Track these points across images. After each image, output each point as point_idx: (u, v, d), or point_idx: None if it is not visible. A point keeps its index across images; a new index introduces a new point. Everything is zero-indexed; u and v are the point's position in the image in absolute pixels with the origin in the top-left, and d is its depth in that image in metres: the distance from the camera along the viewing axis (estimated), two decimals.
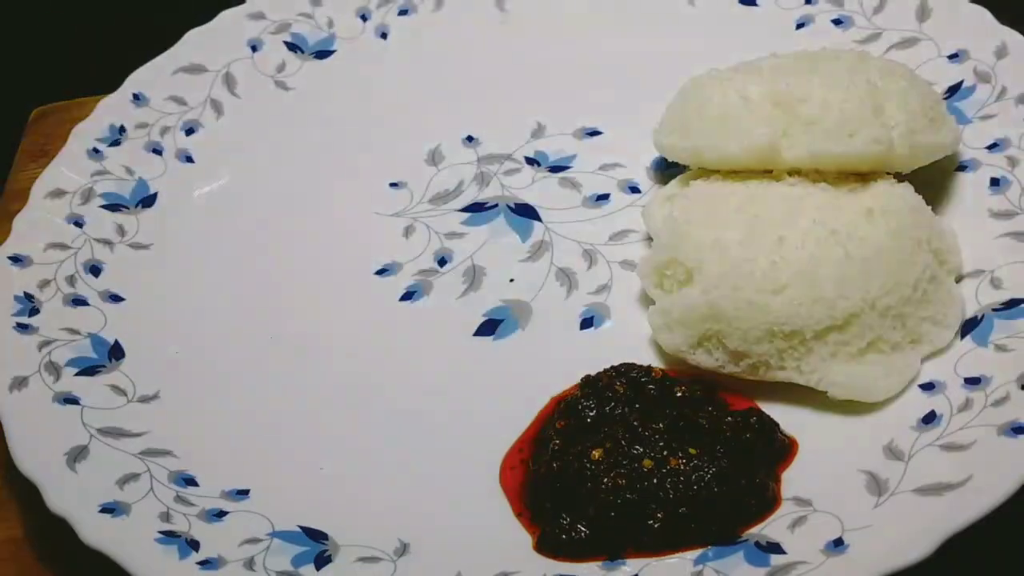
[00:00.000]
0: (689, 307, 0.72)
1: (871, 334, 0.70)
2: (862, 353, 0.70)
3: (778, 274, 0.70)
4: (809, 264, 0.70)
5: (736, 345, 0.71)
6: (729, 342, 0.71)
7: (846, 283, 0.70)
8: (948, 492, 0.62)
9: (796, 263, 0.70)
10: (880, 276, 0.70)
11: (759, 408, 0.71)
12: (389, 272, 0.84)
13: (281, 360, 0.80)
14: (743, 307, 0.70)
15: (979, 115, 0.82)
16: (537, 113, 0.93)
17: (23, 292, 0.80)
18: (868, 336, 0.70)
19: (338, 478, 0.72)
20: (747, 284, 0.70)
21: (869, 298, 0.70)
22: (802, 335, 0.70)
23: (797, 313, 0.69)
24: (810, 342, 0.70)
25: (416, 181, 0.90)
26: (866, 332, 0.70)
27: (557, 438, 0.69)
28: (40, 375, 0.75)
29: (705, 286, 0.71)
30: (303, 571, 0.66)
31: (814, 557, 0.62)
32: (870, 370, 0.70)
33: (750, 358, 0.71)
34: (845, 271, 0.70)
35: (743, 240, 0.72)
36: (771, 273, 0.70)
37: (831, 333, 0.70)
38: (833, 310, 0.69)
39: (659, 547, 0.64)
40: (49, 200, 0.86)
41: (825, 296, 0.69)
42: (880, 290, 0.70)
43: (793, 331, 0.70)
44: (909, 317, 0.71)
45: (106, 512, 0.67)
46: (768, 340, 0.70)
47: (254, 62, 0.97)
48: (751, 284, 0.70)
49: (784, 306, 0.69)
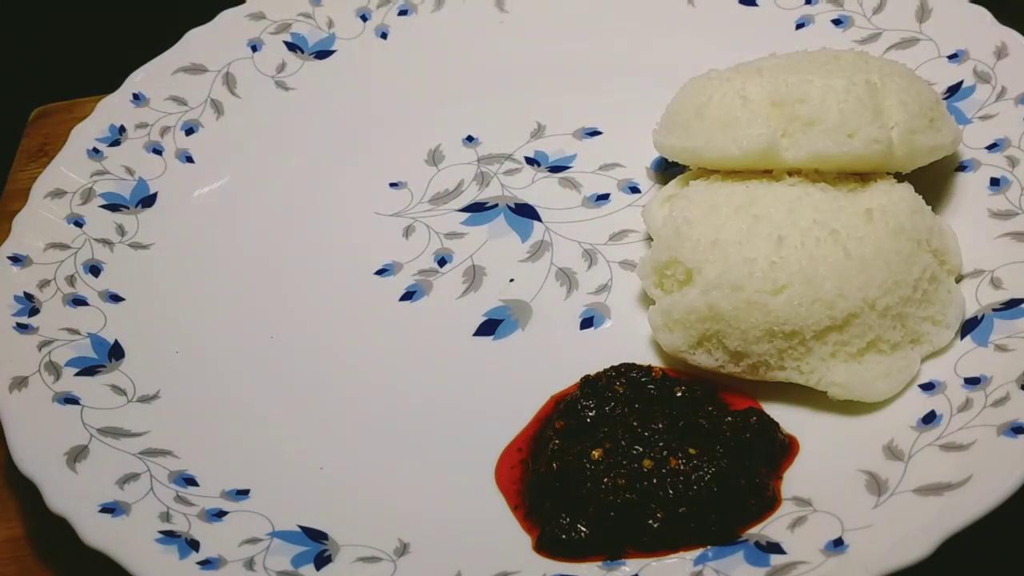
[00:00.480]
0: (689, 307, 0.72)
1: (871, 334, 0.70)
2: (862, 353, 0.70)
3: (777, 274, 0.70)
4: (808, 264, 0.70)
5: (736, 345, 0.71)
6: (729, 342, 0.71)
7: (845, 283, 0.69)
8: (948, 492, 0.62)
9: (795, 263, 0.70)
10: (880, 276, 0.70)
11: (759, 408, 0.71)
12: (389, 272, 0.84)
13: (281, 360, 0.80)
14: (743, 307, 0.70)
15: (979, 115, 0.82)
16: (537, 113, 0.93)
17: (23, 292, 0.80)
18: (868, 336, 0.70)
19: (338, 478, 0.72)
20: (747, 284, 0.70)
21: (869, 298, 0.70)
22: (802, 335, 0.70)
23: (796, 313, 0.69)
24: (810, 342, 0.70)
25: (416, 181, 0.90)
26: (866, 332, 0.70)
27: (557, 438, 0.69)
28: (40, 375, 0.75)
29: (705, 286, 0.71)
30: (303, 571, 0.66)
31: (814, 557, 0.62)
32: (870, 370, 0.70)
33: (750, 358, 0.71)
34: (844, 271, 0.70)
35: (742, 240, 0.72)
36: (770, 273, 0.70)
37: (831, 333, 0.70)
38: (832, 310, 0.69)
39: (659, 547, 0.64)
40: (49, 200, 0.86)
41: (824, 296, 0.69)
42: (879, 290, 0.70)
43: (793, 331, 0.70)
44: (909, 317, 0.71)
45: (106, 512, 0.67)
46: (768, 340, 0.70)
47: (254, 62, 0.98)
48: (751, 284, 0.70)
49: (783, 306, 0.69)
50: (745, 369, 0.71)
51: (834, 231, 0.71)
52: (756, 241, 0.71)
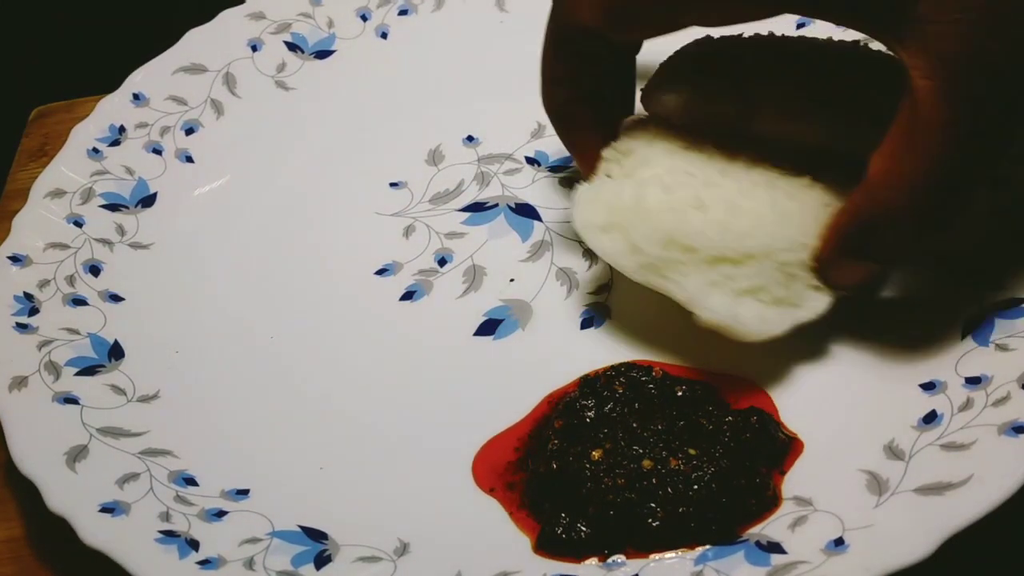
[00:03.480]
0: (618, 192, 0.74)
1: (758, 280, 0.71)
2: (742, 294, 0.72)
3: (707, 194, 0.72)
4: (736, 196, 0.72)
5: (637, 239, 0.73)
6: (633, 234, 0.73)
7: (760, 226, 0.71)
8: (949, 492, 0.62)
9: (726, 192, 0.72)
10: (793, 233, 0.71)
11: (759, 408, 0.71)
12: (389, 272, 0.84)
13: (281, 360, 0.79)
14: (664, 209, 0.72)
15: None
16: (537, 113, 0.91)
17: (23, 292, 0.80)
18: (755, 281, 0.71)
19: (338, 478, 0.72)
20: (678, 191, 0.73)
21: (773, 247, 0.71)
22: (698, 254, 0.71)
23: (704, 233, 0.71)
24: (702, 264, 0.72)
25: (416, 181, 0.90)
26: (755, 276, 0.71)
27: (556, 438, 0.69)
28: (40, 375, 0.75)
29: (641, 182, 0.74)
30: (303, 571, 0.66)
31: (815, 557, 0.62)
32: (744, 310, 0.71)
33: (643, 256, 0.73)
34: (764, 216, 0.72)
35: (692, 162, 0.74)
36: (702, 191, 0.72)
37: (724, 264, 0.71)
38: (735, 243, 0.71)
39: (659, 547, 0.64)
40: (49, 200, 0.86)
41: (735, 228, 0.71)
42: (785, 244, 0.71)
43: (692, 247, 0.71)
44: (798, 279, 0.72)
45: (106, 512, 0.67)
46: (667, 247, 0.72)
47: (254, 62, 0.98)
48: (681, 192, 0.73)
49: (697, 222, 0.71)
50: (633, 267, 0.73)
51: (773, 184, 0.73)
52: (702, 165, 0.74)
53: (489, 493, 0.69)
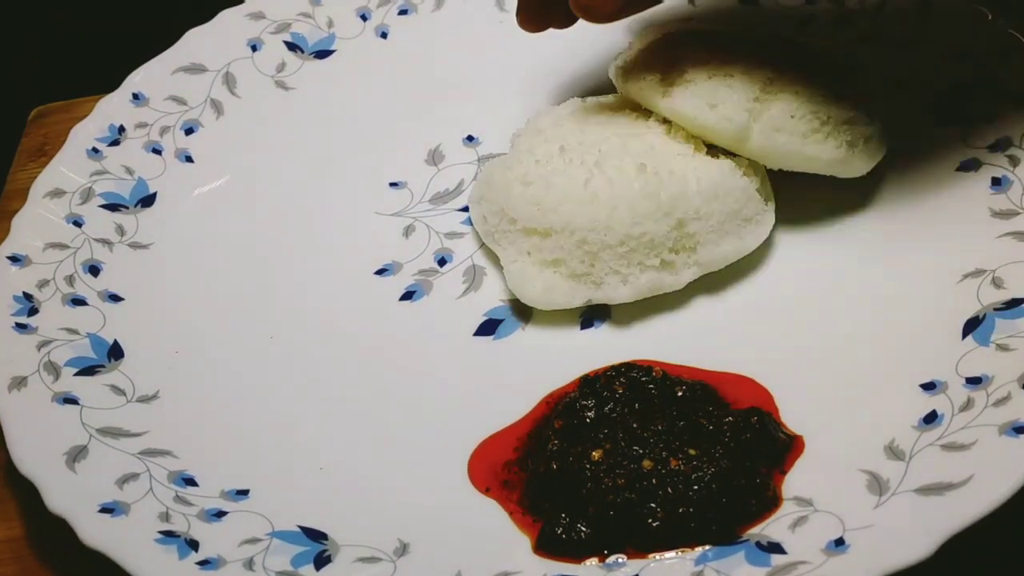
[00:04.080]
0: (491, 166, 0.83)
1: (560, 253, 0.76)
2: (545, 265, 0.77)
3: (547, 167, 0.78)
4: (572, 169, 0.77)
5: (484, 210, 0.81)
6: (484, 206, 0.81)
7: (579, 206, 0.76)
8: (949, 492, 0.62)
9: (572, 168, 0.77)
10: (602, 215, 0.75)
11: (759, 408, 0.70)
12: (389, 272, 0.84)
13: (281, 360, 0.79)
14: (503, 184, 0.79)
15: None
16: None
17: (22, 292, 0.80)
18: (556, 254, 0.76)
19: (338, 478, 0.72)
20: (523, 160, 0.79)
21: (578, 227, 0.76)
22: (516, 223, 0.78)
23: (527, 203, 0.77)
24: (516, 232, 0.78)
25: (416, 181, 0.90)
26: (557, 250, 0.76)
27: (556, 438, 0.69)
28: (39, 375, 0.75)
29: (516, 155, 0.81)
30: (303, 571, 0.66)
31: (815, 557, 0.62)
32: (540, 279, 0.77)
33: (487, 225, 0.80)
34: (583, 197, 0.76)
35: (574, 143, 0.79)
36: (568, 170, 0.77)
37: (534, 236, 0.77)
38: (547, 216, 0.76)
39: (659, 547, 0.64)
40: (48, 200, 0.86)
41: (548, 203, 0.77)
42: (589, 225, 0.75)
43: (513, 219, 0.78)
44: (600, 260, 0.76)
45: (105, 512, 0.67)
46: (498, 213, 0.80)
47: (254, 62, 0.97)
48: (523, 159, 0.79)
49: (518, 197, 0.78)
50: (484, 233, 0.81)
51: (642, 167, 0.76)
52: (597, 141, 0.79)
53: (485, 493, 0.69)
